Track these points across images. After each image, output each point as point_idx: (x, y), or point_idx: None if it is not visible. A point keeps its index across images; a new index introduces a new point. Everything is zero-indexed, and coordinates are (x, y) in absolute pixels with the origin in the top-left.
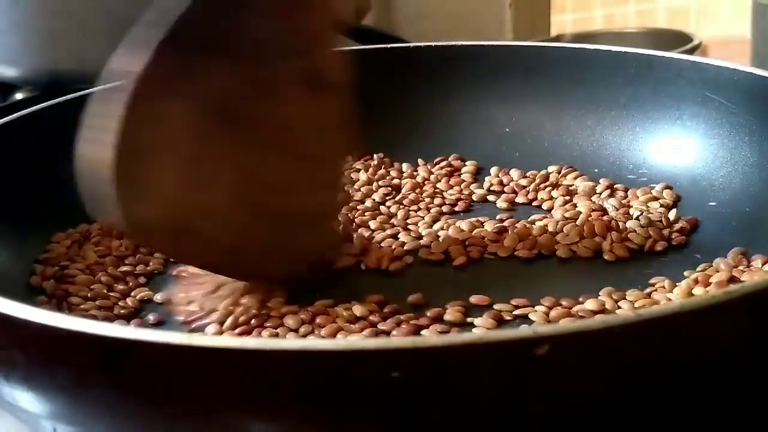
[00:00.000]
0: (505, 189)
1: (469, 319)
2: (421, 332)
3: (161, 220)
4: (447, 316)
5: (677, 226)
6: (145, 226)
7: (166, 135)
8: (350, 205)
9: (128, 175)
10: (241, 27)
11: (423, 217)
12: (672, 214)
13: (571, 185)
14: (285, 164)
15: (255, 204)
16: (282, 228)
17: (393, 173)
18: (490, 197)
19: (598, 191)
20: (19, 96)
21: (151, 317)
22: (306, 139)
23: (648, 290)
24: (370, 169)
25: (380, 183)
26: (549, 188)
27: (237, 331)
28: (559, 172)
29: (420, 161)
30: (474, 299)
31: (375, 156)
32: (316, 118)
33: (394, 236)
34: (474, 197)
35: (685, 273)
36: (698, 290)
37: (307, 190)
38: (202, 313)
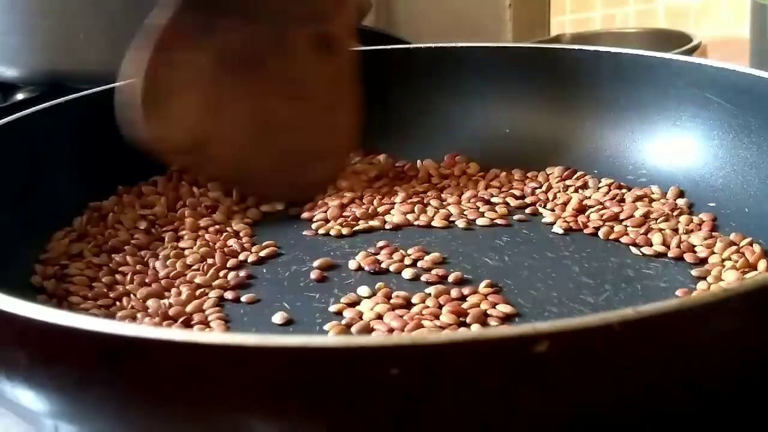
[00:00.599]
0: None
1: None
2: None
3: (179, 139)
4: None
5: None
6: (166, 142)
7: (184, 75)
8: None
9: (153, 101)
10: None
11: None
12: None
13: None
14: (291, 108)
15: (261, 135)
16: (284, 157)
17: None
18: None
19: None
20: (19, 96)
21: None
22: (311, 89)
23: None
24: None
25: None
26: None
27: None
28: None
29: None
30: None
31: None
32: (322, 74)
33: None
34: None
35: (693, 273)
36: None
37: (309, 130)
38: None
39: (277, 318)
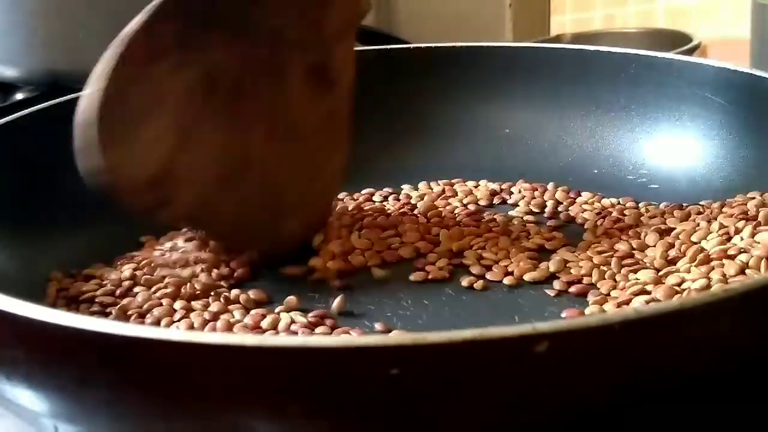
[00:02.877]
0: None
1: None
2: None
3: (141, 173)
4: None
5: None
6: (125, 177)
7: (152, 94)
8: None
9: (114, 123)
10: (256, 12)
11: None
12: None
13: None
14: (273, 146)
15: (235, 173)
16: (258, 202)
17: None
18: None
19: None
20: (19, 96)
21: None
22: (298, 126)
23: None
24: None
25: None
26: None
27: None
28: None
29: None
30: None
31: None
32: (313, 109)
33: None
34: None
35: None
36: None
37: (290, 174)
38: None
39: None
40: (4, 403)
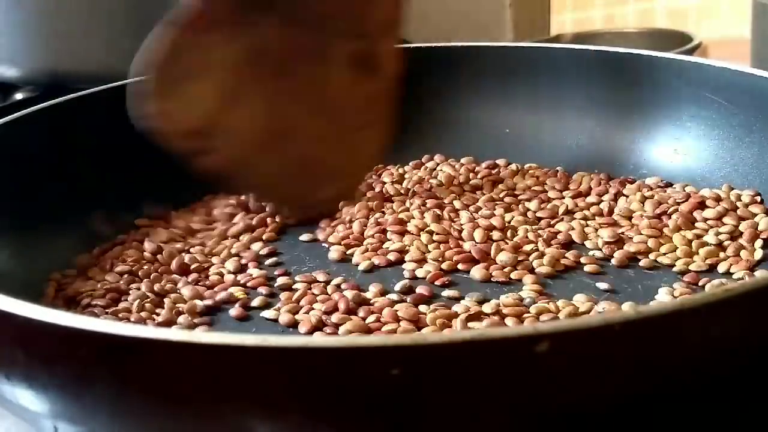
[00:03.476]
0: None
1: None
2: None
3: (187, 122)
4: None
5: None
6: (173, 122)
7: (202, 59)
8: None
9: (169, 77)
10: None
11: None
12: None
13: None
14: (314, 120)
15: (276, 140)
16: (297, 168)
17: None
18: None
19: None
20: (19, 96)
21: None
22: (340, 106)
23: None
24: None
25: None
26: None
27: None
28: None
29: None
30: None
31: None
32: (355, 93)
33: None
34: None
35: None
36: None
37: (330, 146)
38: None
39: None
40: (4, 403)
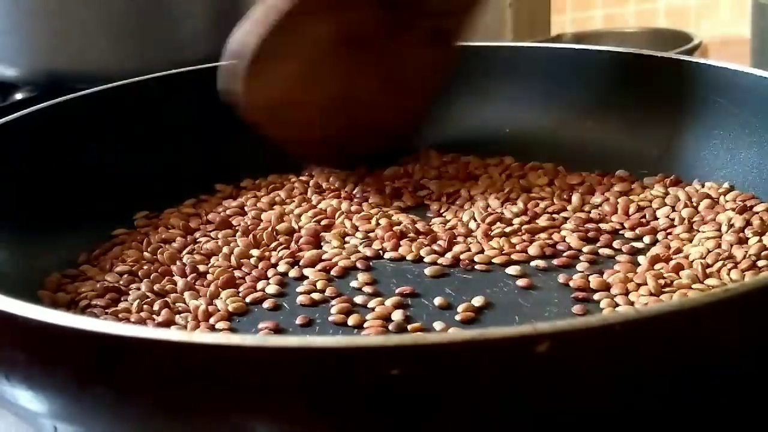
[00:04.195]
0: None
1: None
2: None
3: (269, 102)
4: None
5: None
6: (257, 103)
7: (296, 41)
8: None
9: (258, 61)
10: None
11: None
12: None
13: None
14: (380, 88)
15: (342, 108)
16: (353, 130)
17: None
18: None
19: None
20: (19, 96)
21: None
22: (408, 75)
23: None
24: None
25: None
26: None
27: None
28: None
29: None
30: None
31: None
32: (425, 62)
33: None
34: None
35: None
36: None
37: (387, 109)
38: None
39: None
40: (4, 403)
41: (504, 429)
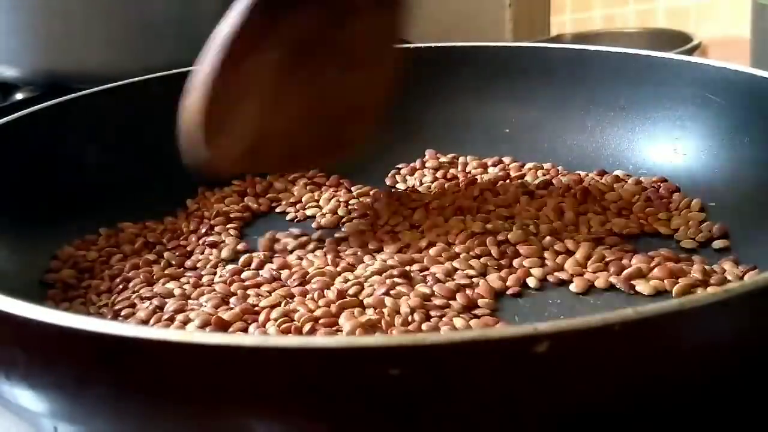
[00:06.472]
0: None
1: None
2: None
3: (239, 149)
4: None
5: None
6: (226, 157)
7: (249, 82)
8: None
9: (213, 119)
10: None
11: None
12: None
13: None
14: (342, 77)
15: (314, 115)
16: (330, 127)
17: None
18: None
19: None
20: (19, 96)
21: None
22: (363, 53)
23: None
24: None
25: None
26: None
27: None
28: None
29: None
30: None
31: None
32: (375, 33)
33: None
34: None
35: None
36: None
37: (351, 90)
38: None
39: None
40: (4, 403)
41: (504, 429)
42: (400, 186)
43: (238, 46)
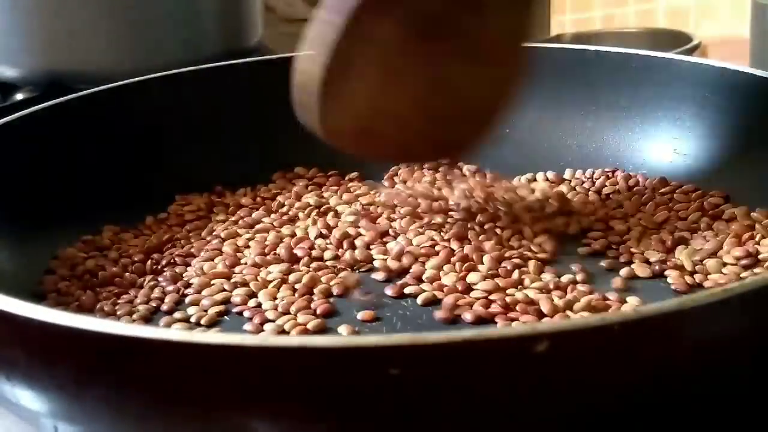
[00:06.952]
0: None
1: None
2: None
3: (351, 125)
4: None
5: None
6: (337, 130)
7: (370, 52)
8: None
9: (331, 89)
10: None
11: None
12: None
13: None
14: (466, 70)
15: (429, 105)
16: (444, 123)
17: None
18: None
19: None
20: (19, 96)
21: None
22: (490, 48)
23: None
24: None
25: None
26: None
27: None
28: None
29: None
30: None
31: None
32: (505, 29)
33: None
34: None
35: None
36: None
37: (475, 90)
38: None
39: None
40: (4, 403)
41: (504, 429)
42: (399, 186)
43: (367, 8)
